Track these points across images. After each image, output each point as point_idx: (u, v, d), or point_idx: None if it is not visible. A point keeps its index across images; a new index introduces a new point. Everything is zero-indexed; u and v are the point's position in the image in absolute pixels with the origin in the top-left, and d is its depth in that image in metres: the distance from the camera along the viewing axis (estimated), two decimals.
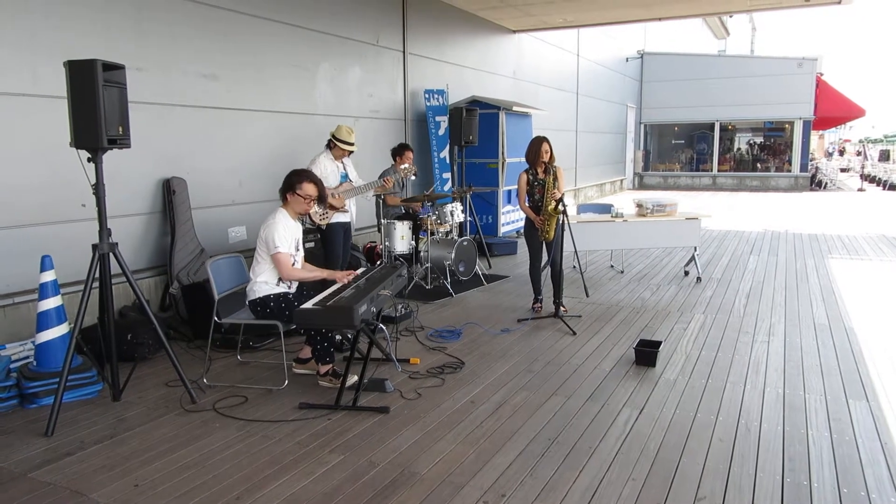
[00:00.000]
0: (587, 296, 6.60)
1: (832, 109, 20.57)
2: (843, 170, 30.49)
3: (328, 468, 3.13)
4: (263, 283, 4.30)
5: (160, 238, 5.65)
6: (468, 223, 9.07)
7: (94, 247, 3.85)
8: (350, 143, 5.87)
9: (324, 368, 4.23)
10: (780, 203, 16.62)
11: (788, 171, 20.89)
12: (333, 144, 5.88)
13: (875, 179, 23.80)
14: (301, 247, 4.52)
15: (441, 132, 9.55)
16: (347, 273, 4.33)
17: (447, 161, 9.70)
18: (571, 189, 15.87)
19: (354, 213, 6.21)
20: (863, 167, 25.87)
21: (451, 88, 9.88)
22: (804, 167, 20.60)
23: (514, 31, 12.41)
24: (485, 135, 9.70)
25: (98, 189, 3.77)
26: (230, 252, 5.01)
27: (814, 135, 25.25)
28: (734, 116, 21.23)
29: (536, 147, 5.80)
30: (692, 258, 7.65)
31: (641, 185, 22.51)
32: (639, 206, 7.58)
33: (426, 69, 9.59)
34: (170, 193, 5.60)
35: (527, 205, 5.90)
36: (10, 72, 4.50)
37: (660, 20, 12.83)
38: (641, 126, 22.22)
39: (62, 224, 4.85)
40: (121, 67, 3.77)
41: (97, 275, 3.85)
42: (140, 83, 5.22)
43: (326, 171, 5.74)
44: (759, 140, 22.41)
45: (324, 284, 4.35)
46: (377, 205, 6.92)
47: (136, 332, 4.67)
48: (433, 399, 3.99)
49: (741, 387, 4.15)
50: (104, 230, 3.85)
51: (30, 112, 4.62)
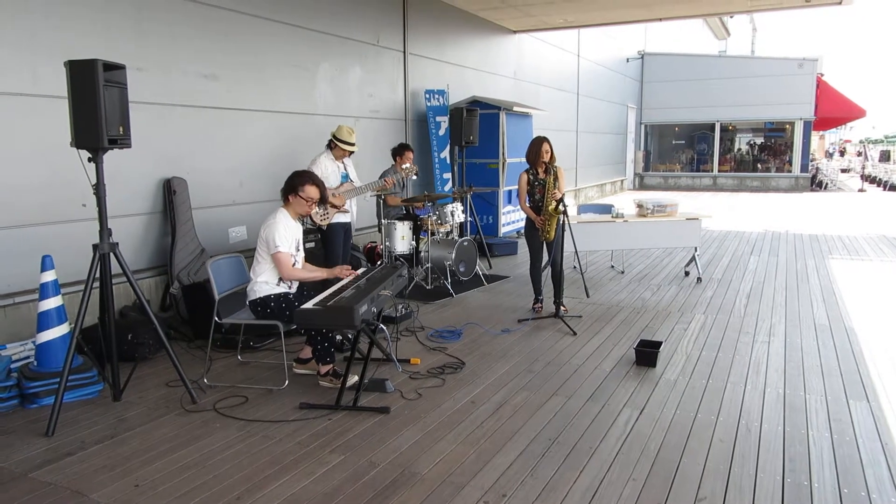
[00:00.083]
0: (588, 296, 6.60)
1: (833, 110, 20.57)
2: (844, 170, 30.51)
3: (329, 468, 3.13)
4: (264, 283, 4.30)
5: (161, 238, 5.65)
6: (468, 223, 9.06)
7: (95, 247, 3.85)
8: (351, 144, 5.88)
9: (324, 368, 4.23)
10: (781, 203, 16.62)
11: (789, 172, 20.89)
12: (334, 144, 5.89)
13: (875, 180, 23.77)
14: (301, 247, 4.52)
15: (441, 132, 9.55)
16: (347, 267, 4.33)
17: (447, 161, 9.69)
18: (572, 189, 15.87)
19: (355, 214, 6.22)
20: (863, 168, 25.87)
21: (452, 89, 9.88)
22: (805, 168, 20.60)
23: (515, 32, 12.41)
24: (485, 135, 9.70)
25: (98, 189, 3.77)
26: (230, 252, 5.01)
27: (814, 135, 25.26)
28: (735, 117, 21.22)
29: (537, 147, 5.81)
30: (692, 258, 7.64)
31: (642, 186, 22.51)
32: (639, 207, 7.58)
33: (426, 69, 9.59)
34: (170, 193, 5.60)
35: (527, 205, 5.90)
36: (10, 72, 4.50)
37: (660, 20, 12.83)
38: (642, 126, 22.22)
39: (63, 224, 4.85)
40: (121, 67, 3.77)
41: (98, 275, 3.85)
42: (140, 83, 5.22)
43: (327, 172, 5.75)
44: (760, 140, 22.42)
45: (324, 284, 4.35)
46: (377, 205, 6.93)
47: (137, 332, 4.67)
48: (434, 399, 3.99)
49: (742, 387, 4.14)
50: (105, 230, 3.85)
51: (30, 112, 4.62)
